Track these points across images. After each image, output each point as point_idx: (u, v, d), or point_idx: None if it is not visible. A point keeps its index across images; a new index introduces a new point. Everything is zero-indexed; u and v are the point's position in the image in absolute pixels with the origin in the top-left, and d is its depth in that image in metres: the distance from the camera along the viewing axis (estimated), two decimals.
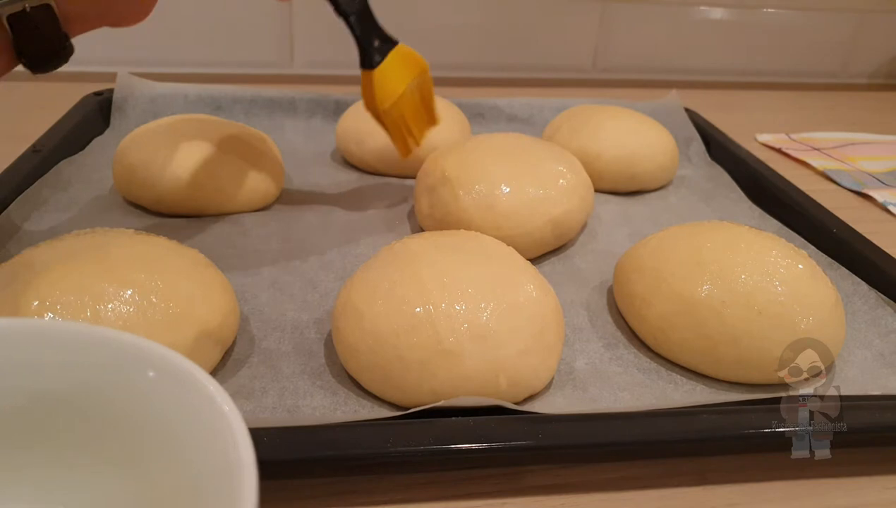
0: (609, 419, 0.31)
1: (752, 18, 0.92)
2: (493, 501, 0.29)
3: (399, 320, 0.32)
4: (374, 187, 0.55)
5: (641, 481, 0.31)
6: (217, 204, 0.48)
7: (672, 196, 0.58)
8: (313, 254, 0.45)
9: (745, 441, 0.31)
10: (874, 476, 0.32)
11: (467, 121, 0.61)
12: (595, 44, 0.89)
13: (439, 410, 0.30)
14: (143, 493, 0.20)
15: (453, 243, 0.37)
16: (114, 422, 0.20)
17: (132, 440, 0.20)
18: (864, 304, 0.42)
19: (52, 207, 0.47)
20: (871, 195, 0.61)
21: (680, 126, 0.66)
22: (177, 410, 0.19)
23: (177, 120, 0.51)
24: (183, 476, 0.19)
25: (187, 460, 0.19)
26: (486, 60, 0.88)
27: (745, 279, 0.35)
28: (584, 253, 0.48)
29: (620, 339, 0.39)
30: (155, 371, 0.19)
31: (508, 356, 0.32)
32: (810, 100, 0.91)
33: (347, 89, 0.69)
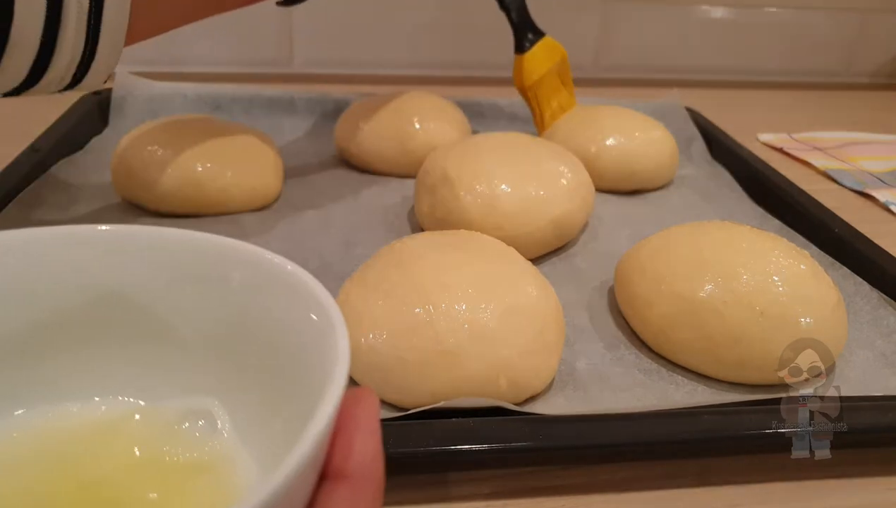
0: (610, 420, 0.30)
1: (754, 18, 0.92)
2: (494, 502, 0.29)
3: (399, 320, 0.32)
4: (374, 187, 0.55)
5: (642, 482, 0.30)
6: (216, 204, 0.48)
7: (673, 195, 0.57)
8: (313, 254, 0.45)
9: (746, 441, 0.31)
10: (876, 476, 0.32)
11: (467, 121, 0.61)
12: (596, 43, 0.89)
13: (439, 411, 0.30)
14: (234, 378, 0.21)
15: (453, 243, 0.37)
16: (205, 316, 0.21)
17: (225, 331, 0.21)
18: (865, 304, 0.42)
19: (50, 207, 0.47)
20: (872, 195, 0.61)
21: (681, 125, 0.66)
22: (266, 300, 0.20)
23: (176, 119, 0.51)
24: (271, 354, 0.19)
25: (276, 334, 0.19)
26: (487, 59, 0.87)
27: (746, 279, 0.35)
28: (584, 253, 0.48)
29: (621, 340, 0.39)
30: (244, 267, 0.20)
31: (509, 356, 0.31)
32: (812, 99, 0.91)
33: (347, 89, 0.69)
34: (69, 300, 0.21)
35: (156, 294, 0.21)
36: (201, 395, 0.21)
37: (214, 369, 0.21)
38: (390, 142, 0.56)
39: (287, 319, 0.19)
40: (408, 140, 0.56)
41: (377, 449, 0.17)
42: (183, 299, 0.21)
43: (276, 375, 0.20)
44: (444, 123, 0.58)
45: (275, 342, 0.20)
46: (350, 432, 0.16)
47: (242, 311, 0.20)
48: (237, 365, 0.21)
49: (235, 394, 0.21)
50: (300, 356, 0.18)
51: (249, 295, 0.20)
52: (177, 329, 0.21)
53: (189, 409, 0.21)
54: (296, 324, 0.19)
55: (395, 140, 0.56)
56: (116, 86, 0.62)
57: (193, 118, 0.52)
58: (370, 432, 0.17)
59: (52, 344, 0.21)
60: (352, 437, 0.16)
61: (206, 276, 0.20)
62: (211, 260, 0.20)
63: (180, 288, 0.21)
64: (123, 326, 0.21)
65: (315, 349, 0.18)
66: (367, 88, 0.67)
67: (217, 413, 0.21)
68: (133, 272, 0.21)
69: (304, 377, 0.18)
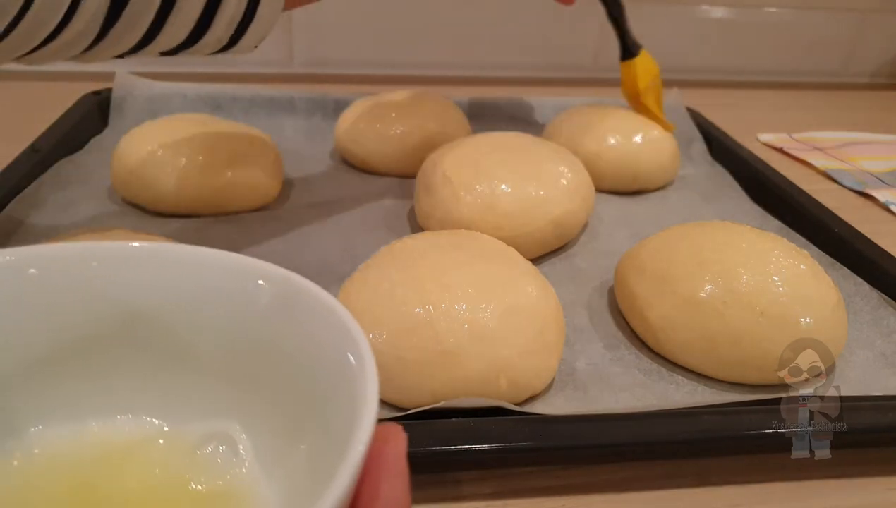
0: (610, 420, 0.30)
1: (754, 17, 0.92)
2: (494, 502, 0.29)
3: (399, 320, 0.32)
4: (373, 187, 0.55)
5: (642, 482, 0.30)
6: (215, 203, 0.48)
7: (673, 196, 0.57)
8: (313, 254, 0.45)
9: (746, 441, 0.31)
10: (876, 476, 0.32)
11: (467, 121, 0.61)
12: (596, 42, 0.89)
13: (439, 411, 0.30)
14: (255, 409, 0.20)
15: (453, 243, 0.37)
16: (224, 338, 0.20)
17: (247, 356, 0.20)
18: (865, 304, 0.42)
19: (50, 207, 0.47)
20: (872, 195, 0.61)
21: (681, 125, 0.66)
22: (291, 324, 0.19)
23: (175, 119, 0.51)
24: (298, 388, 0.19)
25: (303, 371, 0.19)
26: (487, 59, 0.87)
27: (746, 279, 0.35)
28: (584, 253, 0.48)
29: (621, 340, 0.39)
30: (270, 290, 0.20)
31: (509, 356, 0.31)
32: (812, 99, 0.91)
33: (347, 89, 0.69)
34: (93, 318, 0.20)
35: (180, 313, 0.20)
36: (223, 419, 0.20)
37: (237, 392, 0.21)
38: (390, 142, 0.56)
39: (314, 347, 0.19)
40: (408, 140, 0.56)
41: (405, 492, 0.16)
42: (208, 320, 0.20)
43: (299, 403, 0.19)
44: (444, 123, 0.58)
45: (299, 369, 0.19)
46: (377, 474, 0.16)
47: (268, 335, 0.20)
48: (260, 389, 0.20)
49: (257, 420, 0.20)
50: (326, 386, 0.18)
51: (276, 318, 0.20)
52: (201, 349, 0.21)
53: (211, 433, 0.20)
54: (323, 354, 0.18)
55: (395, 140, 0.56)
56: (116, 87, 0.62)
57: (193, 118, 0.52)
58: (397, 474, 0.16)
59: (75, 363, 0.20)
60: (378, 479, 0.16)
61: (232, 298, 0.20)
62: (238, 279, 0.20)
63: (205, 308, 0.20)
64: (147, 345, 0.21)
65: (342, 382, 0.17)
66: (367, 88, 0.67)
67: (238, 438, 0.20)
68: (159, 290, 0.20)
69: (329, 409, 0.17)
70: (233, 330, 0.20)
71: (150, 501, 0.19)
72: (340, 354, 0.17)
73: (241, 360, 0.20)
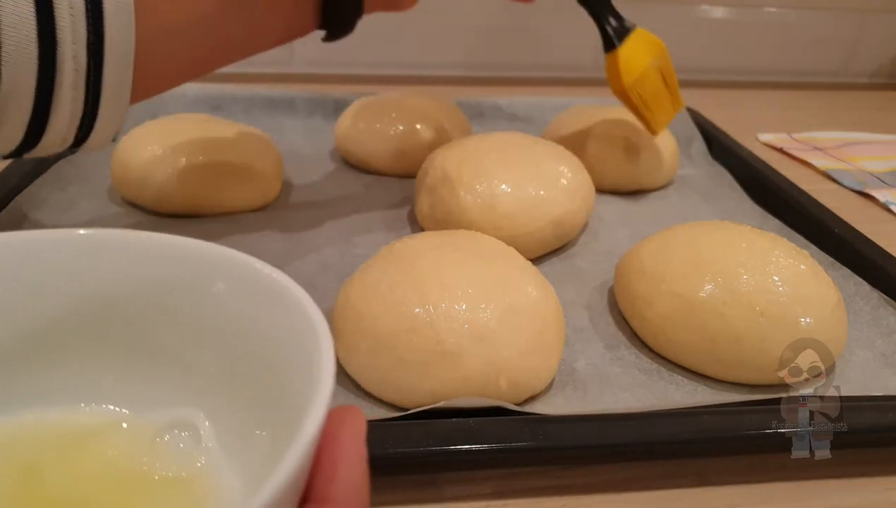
0: (610, 420, 0.30)
1: (754, 17, 0.92)
2: (494, 502, 0.29)
3: (399, 320, 0.32)
4: (373, 187, 0.55)
5: (642, 482, 0.30)
6: (215, 204, 0.48)
7: (673, 195, 0.57)
8: (312, 254, 0.45)
9: (746, 441, 0.31)
10: (876, 476, 0.32)
11: (467, 121, 0.61)
12: (596, 42, 0.89)
13: (439, 411, 0.30)
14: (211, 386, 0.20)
15: (453, 243, 0.37)
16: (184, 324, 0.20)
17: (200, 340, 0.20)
18: (865, 305, 0.42)
19: (50, 207, 0.47)
20: (872, 195, 0.61)
21: (681, 125, 0.66)
22: (252, 309, 0.19)
23: (175, 119, 0.51)
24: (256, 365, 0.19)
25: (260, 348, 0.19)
26: (487, 59, 0.87)
27: (746, 279, 0.35)
28: (584, 253, 0.48)
29: (621, 340, 0.38)
30: (231, 275, 0.20)
31: (509, 356, 0.31)
32: (812, 99, 0.91)
33: (347, 88, 0.69)
34: (52, 306, 0.20)
35: (140, 300, 0.20)
36: (186, 406, 0.20)
37: (200, 379, 0.21)
38: (390, 142, 0.56)
39: (272, 330, 0.19)
40: (408, 140, 0.56)
41: (362, 474, 0.16)
42: (166, 307, 0.20)
43: (261, 387, 0.19)
44: (444, 123, 0.58)
45: (260, 353, 0.19)
46: (334, 456, 0.16)
47: (227, 321, 0.20)
48: (222, 375, 0.20)
49: (221, 405, 0.20)
50: (286, 369, 0.18)
51: (234, 303, 0.19)
52: (160, 337, 0.21)
53: (174, 420, 0.20)
54: (281, 336, 0.18)
55: (395, 140, 0.56)
56: None
57: (193, 118, 0.52)
58: (355, 457, 0.16)
59: (36, 352, 0.20)
60: (335, 461, 0.16)
61: (190, 283, 0.20)
62: (195, 266, 0.20)
63: (163, 295, 0.20)
64: (108, 333, 0.21)
65: (300, 363, 0.17)
66: (367, 88, 0.67)
67: (201, 425, 0.20)
68: (117, 278, 0.20)
69: (290, 391, 0.17)
70: (191, 316, 0.20)
71: (104, 486, 0.19)
72: (298, 336, 0.17)
73: (201, 347, 0.20)
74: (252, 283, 0.19)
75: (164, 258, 0.20)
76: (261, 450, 0.18)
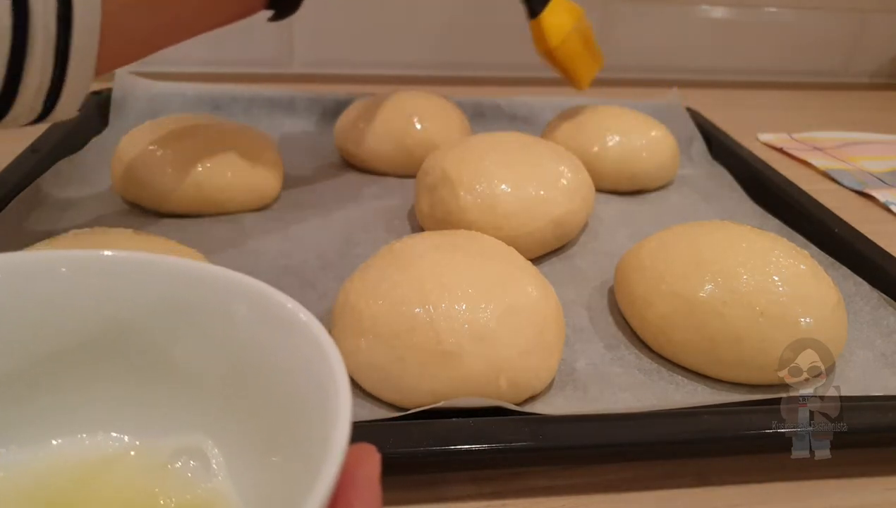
0: (610, 420, 0.30)
1: (754, 17, 0.92)
2: (494, 502, 0.29)
3: (399, 320, 0.32)
4: (373, 187, 0.55)
5: (642, 482, 0.30)
6: (216, 203, 0.48)
7: (673, 195, 0.57)
8: (313, 254, 0.45)
9: (746, 441, 0.31)
10: (876, 476, 0.32)
11: (467, 121, 0.61)
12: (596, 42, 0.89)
13: (439, 411, 0.30)
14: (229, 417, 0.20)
15: (453, 243, 0.37)
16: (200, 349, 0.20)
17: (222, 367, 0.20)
18: (865, 305, 0.42)
19: (50, 207, 0.47)
20: (872, 195, 0.61)
21: (681, 125, 0.66)
22: (267, 338, 0.19)
23: (175, 119, 0.51)
24: (273, 401, 0.19)
25: (280, 384, 0.19)
26: (487, 59, 0.87)
27: (746, 279, 0.35)
28: (584, 253, 0.48)
29: (621, 340, 0.38)
30: (247, 303, 0.19)
31: (509, 356, 0.31)
32: (812, 99, 0.91)
33: (347, 88, 0.69)
34: (61, 330, 0.19)
35: (153, 325, 0.20)
36: (195, 432, 0.20)
37: (210, 405, 0.20)
38: (390, 142, 0.56)
39: (288, 363, 0.18)
40: (408, 140, 0.56)
41: None
42: (181, 332, 0.20)
43: (272, 417, 0.19)
44: (444, 123, 0.58)
45: (273, 384, 0.19)
46: (350, 499, 0.16)
47: (242, 349, 0.19)
48: (234, 403, 0.20)
49: (229, 433, 0.20)
50: (299, 402, 0.18)
51: (251, 332, 0.19)
52: (173, 363, 0.20)
53: (182, 447, 0.20)
54: (297, 370, 0.18)
55: (395, 140, 0.56)
56: (116, 87, 0.62)
57: (193, 118, 0.52)
58: (371, 501, 0.16)
59: (43, 377, 0.20)
60: (350, 503, 0.16)
61: (207, 310, 0.19)
62: (213, 293, 0.19)
63: (179, 320, 0.20)
64: (118, 358, 0.20)
65: (316, 400, 0.17)
66: (367, 88, 0.67)
67: (210, 452, 0.20)
68: (130, 302, 0.20)
69: (303, 425, 0.17)
70: (207, 343, 0.20)
71: None
72: (314, 371, 0.17)
73: (214, 373, 0.20)
74: (270, 314, 0.19)
75: (182, 282, 0.20)
76: (271, 479, 0.18)
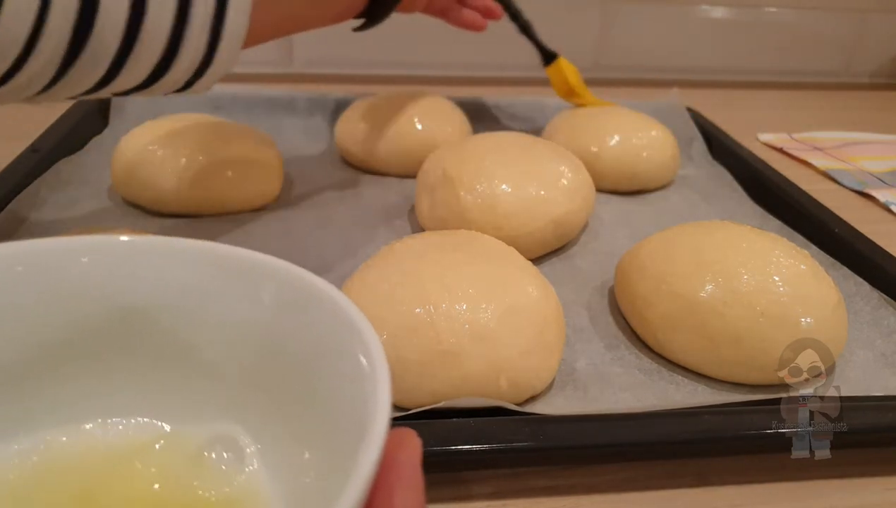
0: (610, 420, 0.30)
1: (754, 17, 0.92)
2: (494, 502, 0.29)
3: (399, 320, 0.32)
4: (374, 187, 0.55)
5: (642, 482, 0.30)
6: (216, 203, 0.48)
7: (673, 195, 0.57)
8: (313, 254, 0.45)
9: (746, 441, 0.31)
10: (876, 476, 0.32)
11: (467, 121, 0.61)
12: (596, 43, 0.89)
13: (439, 411, 0.30)
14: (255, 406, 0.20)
15: (453, 243, 0.37)
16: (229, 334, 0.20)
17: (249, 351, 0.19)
18: (865, 305, 0.42)
19: (50, 207, 0.47)
20: (873, 195, 0.61)
21: (681, 125, 0.66)
22: (296, 320, 0.18)
23: (175, 119, 0.51)
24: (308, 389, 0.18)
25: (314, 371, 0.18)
26: (487, 59, 0.87)
27: (746, 279, 0.35)
28: (585, 253, 0.48)
29: (622, 340, 0.38)
30: (275, 285, 0.19)
31: (509, 357, 0.31)
32: (812, 99, 0.91)
33: (347, 88, 0.69)
34: (87, 315, 0.19)
35: (180, 311, 0.19)
36: (226, 421, 0.19)
37: (241, 393, 0.20)
38: (390, 142, 0.56)
39: (322, 347, 0.18)
40: (408, 140, 0.56)
41: (419, 501, 0.16)
42: (208, 317, 0.19)
43: (306, 405, 0.18)
44: (444, 123, 0.58)
45: (306, 370, 0.18)
46: (390, 482, 0.15)
47: (273, 334, 0.19)
48: (265, 390, 0.19)
49: (262, 422, 0.19)
50: (335, 388, 0.17)
51: (281, 317, 0.18)
52: (202, 349, 0.20)
53: (214, 437, 0.19)
54: (331, 354, 0.17)
55: (395, 140, 0.56)
56: None
57: (193, 118, 0.52)
58: (412, 484, 0.15)
59: (69, 363, 0.19)
60: (392, 489, 0.15)
61: (235, 295, 0.19)
62: (237, 275, 0.19)
63: (206, 305, 0.19)
64: (145, 345, 0.20)
65: (352, 385, 0.16)
66: (367, 88, 0.67)
67: (244, 442, 0.19)
68: (156, 286, 0.19)
69: (339, 413, 0.16)
70: (235, 328, 0.19)
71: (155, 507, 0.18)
72: (350, 355, 0.16)
73: (244, 360, 0.19)
74: (301, 297, 0.18)
75: (208, 266, 0.19)
76: (306, 469, 0.18)
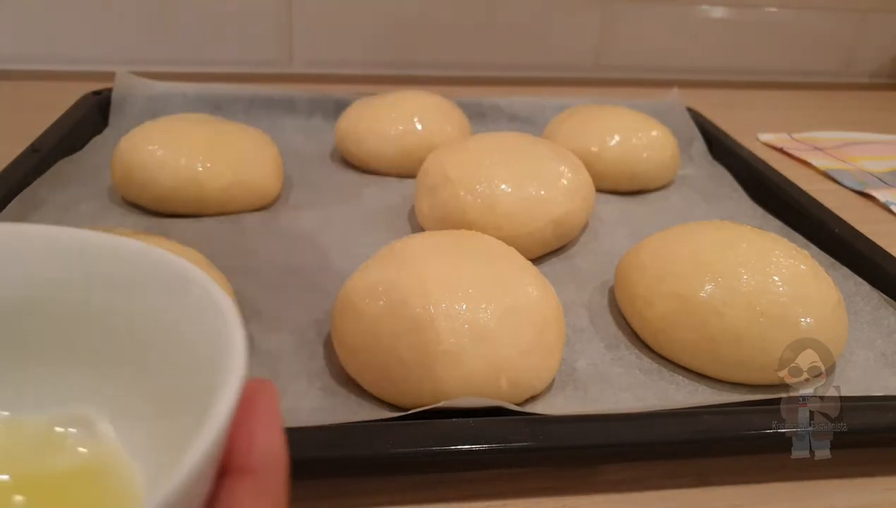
0: (610, 420, 0.30)
1: (754, 17, 0.92)
2: (494, 502, 0.29)
3: (399, 320, 0.32)
4: (374, 187, 0.55)
5: (643, 482, 0.30)
6: (216, 203, 0.48)
7: (674, 195, 0.57)
8: (313, 254, 0.45)
9: (747, 441, 0.31)
10: (876, 476, 0.32)
11: (467, 121, 0.61)
12: (596, 42, 0.89)
13: (440, 411, 0.30)
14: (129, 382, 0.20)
15: (453, 243, 0.37)
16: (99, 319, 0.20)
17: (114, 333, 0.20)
18: (866, 305, 0.42)
19: (50, 207, 0.47)
20: (873, 195, 0.61)
21: (681, 125, 0.66)
22: (161, 301, 0.18)
23: (175, 119, 0.51)
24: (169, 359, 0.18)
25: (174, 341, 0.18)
26: (487, 59, 0.87)
27: (746, 279, 0.35)
28: (585, 253, 0.48)
29: (622, 340, 0.38)
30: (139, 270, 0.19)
31: (509, 356, 0.31)
32: (812, 99, 0.91)
33: (347, 88, 0.69)
34: None
35: (21, 295, 0.19)
36: (77, 403, 0.19)
37: (94, 374, 0.20)
38: (390, 142, 0.56)
39: (173, 316, 0.18)
40: (408, 140, 0.56)
41: (281, 442, 0.16)
42: (51, 301, 0.19)
43: (167, 375, 0.18)
44: (444, 123, 0.58)
45: (161, 340, 0.18)
46: (251, 425, 0.16)
47: (126, 312, 0.19)
48: (120, 368, 0.19)
49: (120, 400, 0.19)
50: (192, 354, 0.17)
51: (133, 294, 0.19)
52: (44, 332, 0.20)
53: (62, 417, 0.19)
54: (184, 320, 0.18)
55: (395, 140, 0.56)
56: (116, 87, 0.62)
57: (193, 118, 0.52)
58: (272, 424, 0.16)
59: None
60: (253, 430, 0.16)
61: (85, 276, 0.19)
62: (90, 258, 0.19)
63: (55, 289, 0.19)
64: (13, 337, 0.19)
65: (208, 343, 0.17)
66: (367, 88, 0.67)
67: (95, 419, 0.19)
68: (17, 277, 0.19)
69: (199, 374, 0.17)
70: (86, 309, 0.19)
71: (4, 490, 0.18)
72: (198, 313, 0.17)
73: (97, 339, 0.20)
74: (150, 272, 0.18)
75: (55, 251, 0.19)
76: (172, 437, 0.18)
